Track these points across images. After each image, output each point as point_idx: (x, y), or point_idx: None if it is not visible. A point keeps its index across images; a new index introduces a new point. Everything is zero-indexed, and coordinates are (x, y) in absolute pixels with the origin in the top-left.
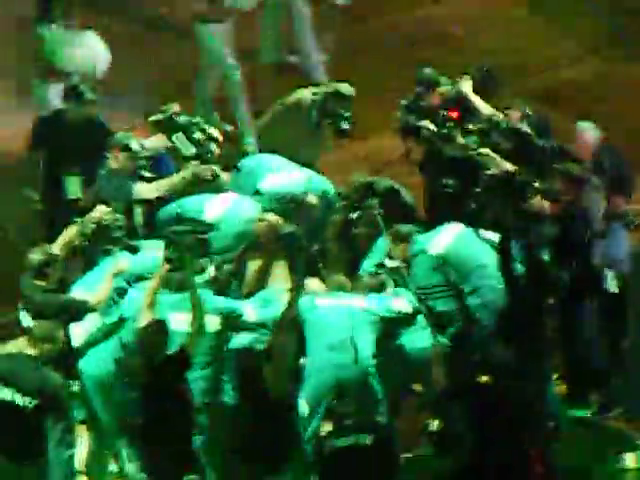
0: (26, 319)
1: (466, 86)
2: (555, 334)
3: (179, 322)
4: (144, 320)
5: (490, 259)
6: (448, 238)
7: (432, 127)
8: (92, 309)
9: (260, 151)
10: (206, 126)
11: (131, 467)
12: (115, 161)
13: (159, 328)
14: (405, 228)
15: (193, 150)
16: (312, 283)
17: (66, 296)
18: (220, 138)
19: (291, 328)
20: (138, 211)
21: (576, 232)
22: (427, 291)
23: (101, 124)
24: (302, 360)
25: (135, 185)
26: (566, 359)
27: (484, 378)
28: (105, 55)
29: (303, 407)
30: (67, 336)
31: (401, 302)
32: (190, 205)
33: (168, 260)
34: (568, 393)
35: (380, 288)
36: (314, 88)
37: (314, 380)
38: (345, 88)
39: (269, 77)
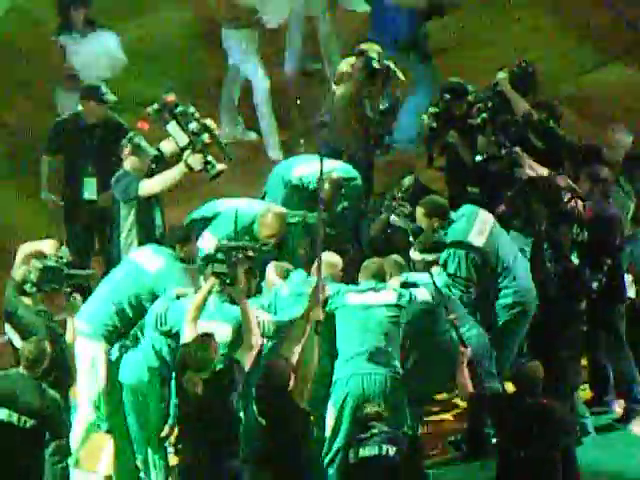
0: (17, 340)
1: (503, 79)
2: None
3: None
4: (189, 334)
5: (520, 260)
6: (486, 231)
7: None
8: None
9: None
10: (199, 116)
11: (158, 475)
12: (127, 161)
13: (207, 342)
14: (441, 201)
15: (186, 140)
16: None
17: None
18: (215, 128)
19: (312, 333)
20: (157, 213)
21: (606, 236)
22: (457, 280)
23: (119, 125)
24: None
25: (139, 183)
26: (592, 365)
27: (509, 387)
28: (121, 57)
29: (329, 415)
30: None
31: (423, 292)
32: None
33: (217, 275)
34: (593, 398)
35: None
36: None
37: (340, 388)
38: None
39: (294, 86)
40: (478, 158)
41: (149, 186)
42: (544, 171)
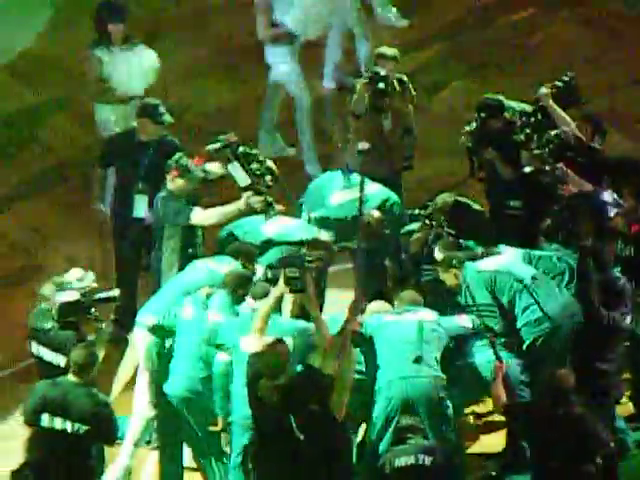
0: (47, 354)
1: (546, 94)
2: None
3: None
4: (259, 343)
5: (541, 280)
6: (499, 260)
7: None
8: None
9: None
10: (262, 157)
11: None
12: (173, 183)
13: (279, 348)
14: (457, 255)
15: (248, 180)
16: (375, 305)
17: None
18: (276, 170)
19: (349, 346)
20: (199, 232)
21: None
22: (481, 309)
23: (173, 144)
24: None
25: (192, 211)
26: (634, 379)
27: (543, 399)
28: (153, 72)
29: (373, 423)
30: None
31: (464, 318)
32: (246, 226)
33: (289, 279)
34: (634, 413)
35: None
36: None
37: (384, 396)
38: (385, 49)
39: (332, 102)
40: (527, 169)
41: (203, 217)
42: (589, 187)
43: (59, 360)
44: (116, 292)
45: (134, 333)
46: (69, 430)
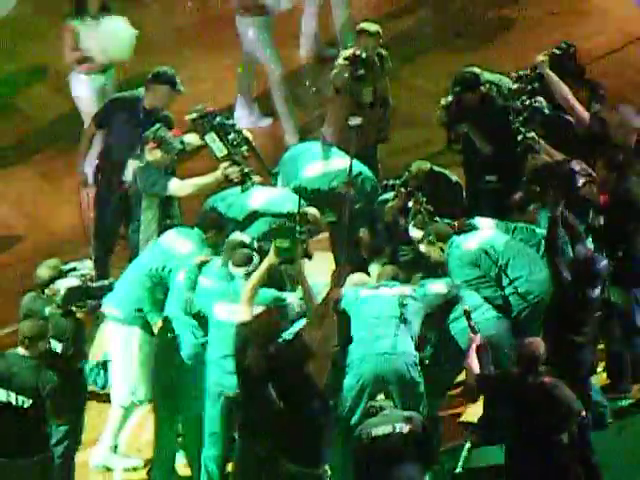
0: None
1: (543, 62)
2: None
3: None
4: (248, 313)
5: (523, 252)
6: (483, 235)
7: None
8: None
9: None
10: (239, 127)
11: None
12: (150, 153)
13: (272, 319)
14: (442, 228)
15: (225, 151)
16: (356, 277)
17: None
18: (252, 140)
19: (331, 316)
20: (175, 204)
21: (621, 220)
22: (464, 284)
23: (165, 116)
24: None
25: (169, 181)
26: (609, 349)
27: (516, 370)
28: (129, 41)
29: (344, 399)
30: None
31: (438, 285)
32: (229, 198)
33: (279, 250)
34: (609, 384)
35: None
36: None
37: (356, 371)
38: (368, 25)
39: (310, 71)
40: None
41: (178, 187)
42: (560, 156)
43: (56, 347)
44: (110, 281)
45: (104, 322)
46: (13, 403)
